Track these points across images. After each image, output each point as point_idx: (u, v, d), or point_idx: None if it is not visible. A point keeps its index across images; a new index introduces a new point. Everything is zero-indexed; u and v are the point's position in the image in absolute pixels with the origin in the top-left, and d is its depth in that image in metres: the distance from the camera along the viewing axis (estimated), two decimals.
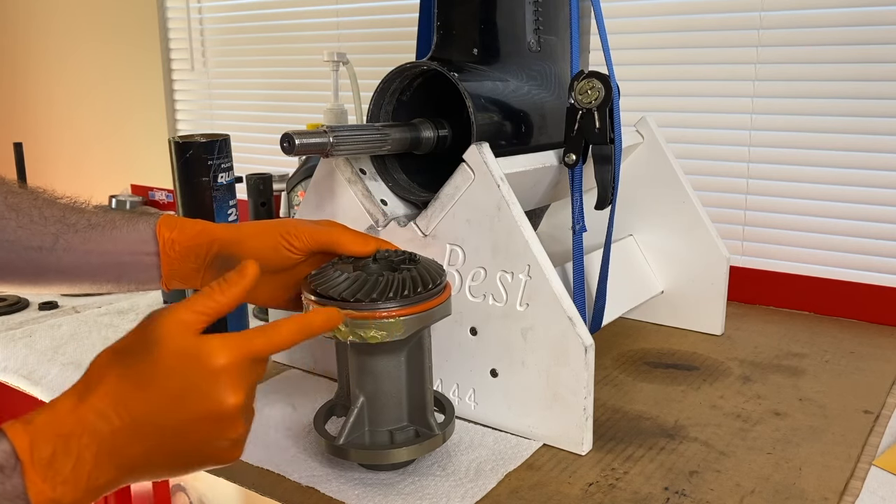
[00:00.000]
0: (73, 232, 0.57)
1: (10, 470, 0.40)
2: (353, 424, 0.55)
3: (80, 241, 0.58)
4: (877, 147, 1.13)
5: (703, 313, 0.87)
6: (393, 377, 0.55)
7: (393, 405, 0.56)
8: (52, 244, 0.57)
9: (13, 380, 0.78)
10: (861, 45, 1.11)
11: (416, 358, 0.56)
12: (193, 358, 0.44)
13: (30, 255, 0.57)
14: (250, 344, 0.46)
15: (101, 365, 0.45)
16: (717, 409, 0.69)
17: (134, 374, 0.44)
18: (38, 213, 0.58)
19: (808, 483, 0.57)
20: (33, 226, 0.57)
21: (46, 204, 0.59)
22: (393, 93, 0.71)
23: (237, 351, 0.45)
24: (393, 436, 0.56)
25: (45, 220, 0.57)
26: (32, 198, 0.59)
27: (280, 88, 1.86)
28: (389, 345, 0.53)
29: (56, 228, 0.57)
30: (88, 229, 0.58)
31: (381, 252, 0.57)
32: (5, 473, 0.39)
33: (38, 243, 0.57)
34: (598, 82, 0.67)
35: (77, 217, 0.58)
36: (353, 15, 1.70)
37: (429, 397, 0.57)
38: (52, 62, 2.38)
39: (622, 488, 0.56)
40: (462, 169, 0.63)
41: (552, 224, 0.89)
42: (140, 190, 1.71)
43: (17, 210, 0.57)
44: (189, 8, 1.99)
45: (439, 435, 0.56)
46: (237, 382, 0.45)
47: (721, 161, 1.26)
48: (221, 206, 0.74)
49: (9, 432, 0.41)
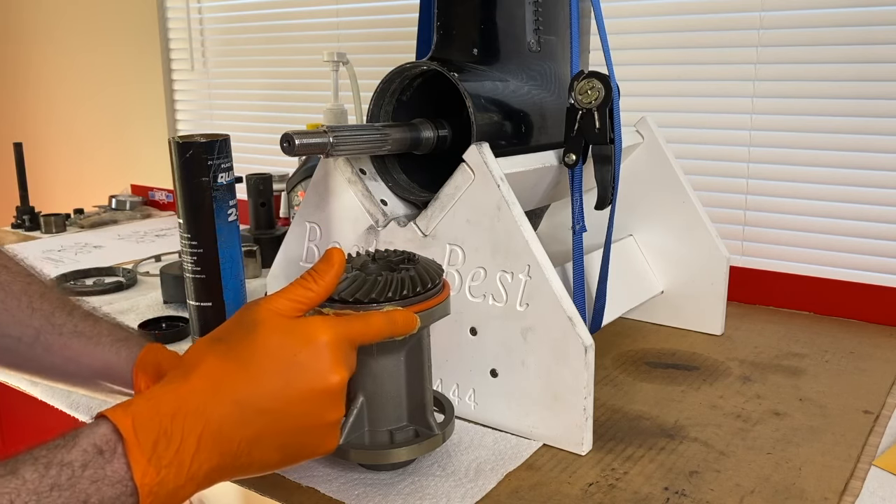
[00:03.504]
0: (56, 334, 0.55)
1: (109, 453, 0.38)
2: (353, 424, 0.55)
3: (61, 347, 0.55)
4: (877, 147, 1.13)
5: (703, 313, 0.87)
6: (393, 377, 0.55)
7: (393, 405, 0.56)
8: (32, 339, 0.55)
9: (13, 380, 0.78)
10: (861, 45, 1.11)
11: (416, 357, 0.56)
12: (297, 335, 0.44)
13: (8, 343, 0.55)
14: (350, 326, 0.46)
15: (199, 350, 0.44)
16: (717, 409, 0.69)
17: (235, 356, 0.43)
18: (27, 302, 0.55)
19: (808, 483, 0.57)
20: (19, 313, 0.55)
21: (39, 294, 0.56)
22: (393, 93, 0.71)
23: (340, 329, 0.45)
24: (393, 436, 0.56)
25: (33, 312, 0.55)
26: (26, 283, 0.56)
27: (280, 88, 1.86)
28: (389, 344, 0.53)
29: (40, 324, 0.55)
30: (73, 336, 0.55)
31: (380, 252, 0.58)
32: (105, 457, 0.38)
33: (18, 333, 0.55)
34: (598, 82, 0.67)
35: (64, 319, 0.56)
36: (353, 15, 1.70)
37: (428, 397, 0.57)
38: (52, 62, 2.38)
39: (622, 488, 0.56)
40: (462, 169, 0.63)
41: (552, 224, 0.89)
42: (140, 190, 1.71)
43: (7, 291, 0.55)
44: (189, 8, 1.99)
45: (439, 435, 0.56)
46: (340, 360, 0.45)
47: (721, 161, 1.26)
48: (221, 206, 0.74)
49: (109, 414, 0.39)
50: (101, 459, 0.37)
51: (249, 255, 1.07)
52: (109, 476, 0.37)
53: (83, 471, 0.37)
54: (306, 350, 0.44)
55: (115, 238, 1.40)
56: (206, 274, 0.75)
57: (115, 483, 0.37)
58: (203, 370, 0.42)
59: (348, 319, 0.47)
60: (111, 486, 0.37)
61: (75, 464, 0.37)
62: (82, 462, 0.37)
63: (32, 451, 0.37)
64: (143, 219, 1.59)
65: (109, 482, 0.37)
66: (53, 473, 0.36)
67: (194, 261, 0.75)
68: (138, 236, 1.41)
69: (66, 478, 0.36)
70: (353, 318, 0.47)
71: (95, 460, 0.37)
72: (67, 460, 0.37)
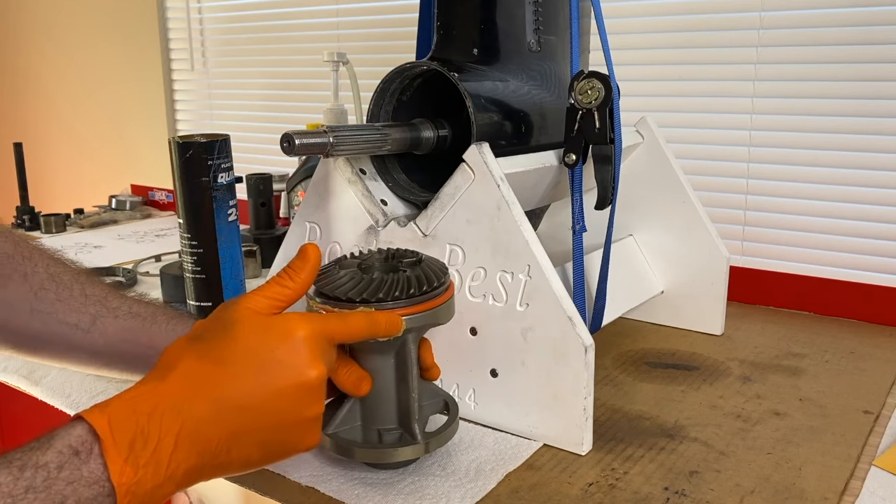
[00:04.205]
0: (112, 317, 0.55)
1: (86, 454, 0.37)
2: (345, 417, 0.56)
3: (119, 329, 0.55)
4: (877, 147, 1.13)
5: (703, 313, 0.87)
6: (382, 377, 0.56)
7: (382, 405, 0.56)
8: (89, 325, 0.55)
9: (13, 380, 0.78)
10: (861, 45, 1.11)
11: (402, 362, 0.56)
12: (273, 331, 0.44)
13: (64, 331, 0.55)
14: (328, 323, 0.46)
15: (177, 350, 0.44)
16: (717, 409, 0.69)
17: (213, 354, 0.43)
18: (80, 290, 0.55)
19: (808, 483, 0.57)
20: (73, 301, 0.55)
21: (89, 281, 0.57)
22: (393, 93, 0.71)
23: (317, 325, 0.45)
24: (381, 435, 0.56)
25: (87, 299, 0.55)
26: (74, 272, 0.57)
27: (280, 88, 1.86)
28: (377, 345, 0.53)
29: (96, 309, 0.55)
30: (129, 318, 0.56)
31: (386, 251, 0.58)
32: (81, 458, 0.37)
33: (75, 320, 0.55)
34: (598, 82, 0.67)
35: (119, 302, 0.56)
36: (353, 15, 1.70)
37: (413, 405, 0.56)
38: (52, 62, 2.38)
39: (622, 488, 0.56)
40: (462, 169, 0.63)
41: (552, 224, 0.89)
42: (140, 190, 1.71)
43: (58, 282, 0.55)
44: (189, 8, 1.99)
45: (420, 445, 0.55)
46: (318, 356, 0.45)
47: (721, 161, 1.26)
48: (221, 206, 0.74)
49: (85, 415, 0.39)
50: (78, 460, 0.37)
51: (249, 255, 1.07)
52: (86, 477, 0.37)
53: (59, 472, 0.36)
54: (283, 346, 0.44)
55: (115, 238, 1.40)
56: (206, 274, 0.75)
57: (91, 484, 0.37)
58: (180, 369, 0.42)
59: (326, 316, 0.47)
60: (88, 487, 0.37)
61: (51, 465, 0.36)
62: (58, 463, 0.37)
63: (7, 455, 0.37)
64: (143, 219, 1.59)
65: (86, 483, 0.37)
66: (28, 475, 0.36)
67: (194, 261, 0.75)
68: (138, 236, 1.41)
69: (41, 479, 0.36)
70: (331, 316, 0.48)
71: (71, 461, 0.37)
72: (43, 462, 0.36)
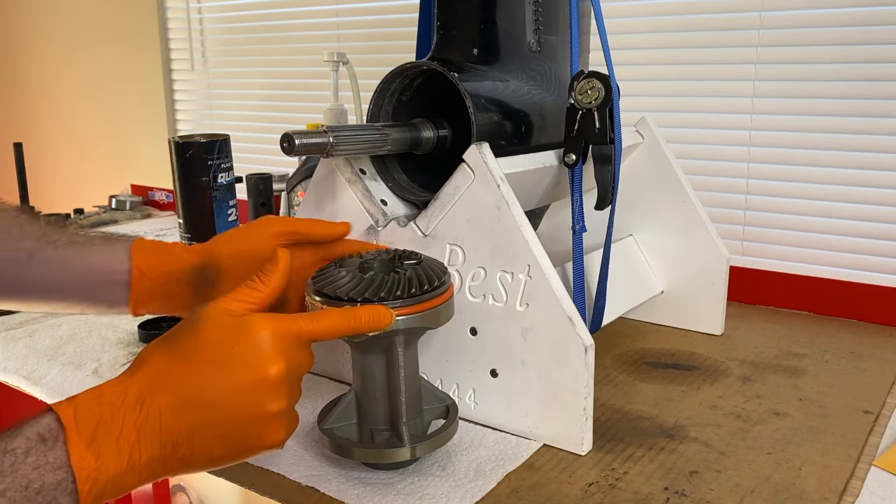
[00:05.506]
0: (51, 248, 0.57)
1: (52, 441, 0.40)
2: (341, 412, 0.57)
3: (57, 258, 0.57)
4: (877, 147, 1.13)
5: (703, 313, 0.87)
6: (374, 377, 0.56)
7: (373, 405, 0.56)
8: (26, 259, 0.56)
9: (13, 380, 0.78)
10: (861, 45, 1.11)
11: (391, 363, 0.56)
12: (235, 329, 0.45)
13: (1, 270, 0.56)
14: (293, 322, 0.47)
15: (148, 349, 0.46)
16: (717, 409, 0.69)
17: (179, 351, 0.45)
18: (19, 230, 0.57)
19: (808, 483, 0.57)
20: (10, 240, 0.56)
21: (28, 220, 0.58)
22: (393, 93, 0.71)
23: (279, 324, 0.46)
24: (373, 435, 0.56)
25: (24, 236, 0.57)
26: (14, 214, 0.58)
27: (280, 88, 1.86)
28: (366, 343, 0.54)
29: (33, 244, 0.56)
30: (67, 246, 0.57)
31: (385, 251, 0.58)
32: (47, 445, 0.39)
33: (10, 256, 0.56)
34: (598, 82, 0.67)
35: (58, 235, 0.58)
36: (353, 15, 1.70)
37: (400, 408, 0.56)
38: (52, 62, 2.38)
39: (622, 488, 0.56)
40: (462, 169, 0.63)
41: (552, 224, 0.89)
42: (140, 190, 1.71)
43: None
44: (189, 8, 1.99)
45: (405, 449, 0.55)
46: (279, 353, 0.46)
47: (721, 161, 1.26)
48: (221, 205, 0.74)
49: (54, 406, 0.41)
50: (44, 447, 0.39)
51: None
52: (51, 462, 0.39)
53: (26, 457, 0.39)
54: (242, 342, 0.45)
55: None
56: None
57: (56, 469, 0.39)
58: (148, 366, 0.45)
59: (293, 316, 0.48)
60: (53, 472, 0.39)
61: (18, 451, 0.39)
62: (25, 449, 0.39)
63: None
64: (143, 219, 1.59)
65: (51, 468, 0.39)
66: None
67: None
68: None
69: (8, 464, 0.38)
70: (300, 315, 0.48)
71: (38, 447, 0.39)
72: (10, 448, 0.39)
